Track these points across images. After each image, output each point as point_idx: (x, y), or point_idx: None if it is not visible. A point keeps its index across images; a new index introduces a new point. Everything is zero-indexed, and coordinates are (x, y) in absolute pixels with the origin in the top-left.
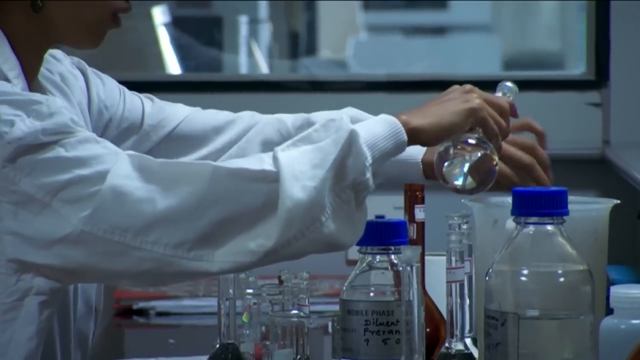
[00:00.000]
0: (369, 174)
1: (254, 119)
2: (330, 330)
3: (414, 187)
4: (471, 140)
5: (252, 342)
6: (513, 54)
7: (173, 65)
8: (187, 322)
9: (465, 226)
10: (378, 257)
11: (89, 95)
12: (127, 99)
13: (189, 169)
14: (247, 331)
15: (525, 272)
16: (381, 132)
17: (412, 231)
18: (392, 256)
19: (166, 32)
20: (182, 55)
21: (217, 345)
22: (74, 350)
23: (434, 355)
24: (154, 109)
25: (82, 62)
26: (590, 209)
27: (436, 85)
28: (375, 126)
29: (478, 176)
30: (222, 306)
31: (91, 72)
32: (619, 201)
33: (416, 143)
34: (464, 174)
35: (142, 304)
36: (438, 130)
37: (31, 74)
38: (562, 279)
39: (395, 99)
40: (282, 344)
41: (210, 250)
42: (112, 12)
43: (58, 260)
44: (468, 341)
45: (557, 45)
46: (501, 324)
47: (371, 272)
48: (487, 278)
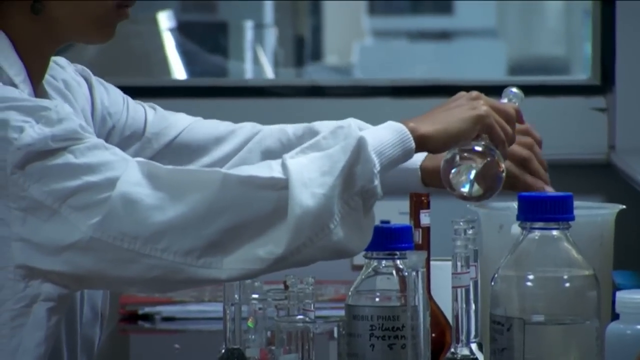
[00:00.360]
0: (377, 181)
1: (255, 129)
2: (335, 335)
3: (419, 192)
4: (477, 148)
5: (258, 347)
6: (518, 59)
7: (178, 71)
8: (193, 327)
9: (470, 231)
10: (384, 262)
11: (93, 102)
12: (131, 107)
13: (199, 176)
14: (253, 336)
15: (530, 277)
16: (389, 140)
17: (418, 236)
18: (398, 261)
19: (172, 38)
20: (188, 60)
21: (223, 351)
22: (80, 356)
23: None
24: (156, 118)
25: (86, 69)
26: (595, 214)
27: (441, 91)
28: (383, 133)
29: (484, 183)
30: (228, 311)
31: (95, 80)
32: (624, 206)
33: (424, 150)
34: (470, 181)
35: (147, 309)
36: (445, 138)
37: (36, 79)
38: (567, 284)
39: (399, 104)
40: (287, 349)
41: (220, 258)
42: (116, 3)
43: (67, 266)
44: (474, 346)
45: (562, 50)
46: (507, 329)
47: (377, 278)
48: (492, 283)
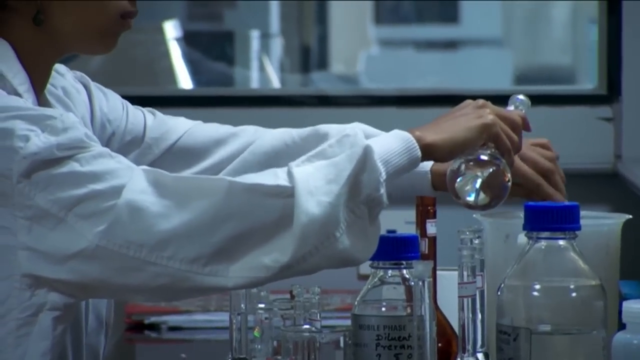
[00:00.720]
0: (382, 190)
1: (258, 133)
2: (342, 345)
3: (425, 201)
4: (483, 157)
5: (264, 356)
6: (524, 68)
7: (184, 80)
8: (199, 336)
9: (477, 241)
10: (390, 272)
11: (92, 109)
12: (130, 113)
13: (205, 184)
14: (259, 346)
15: (537, 287)
16: (395, 148)
17: (424, 246)
18: (404, 271)
19: (178, 47)
20: (194, 69)
21: None
22: None
23: None
24: (155, 123)
25: (85, 76)
26: (602, 223)
27: (447, 100)
28: (390, 142)
29: (490, 192)
30: (234, 321)
31: (94, 87)
32: (630, 216)
33: (430, 159)
34: (476, 190)
35: (153, 319)
36: (452, 146)
37: (39, 88)
38: (574, 294)
39: (405, 114)
40: (293, 358)
41: (226, 265)
42: (119, 14)
43: (72, 275)
44: (480, 356)
45: (568, 60)
46: (513, 339)
47: (383, 287)
48: (499, 293)
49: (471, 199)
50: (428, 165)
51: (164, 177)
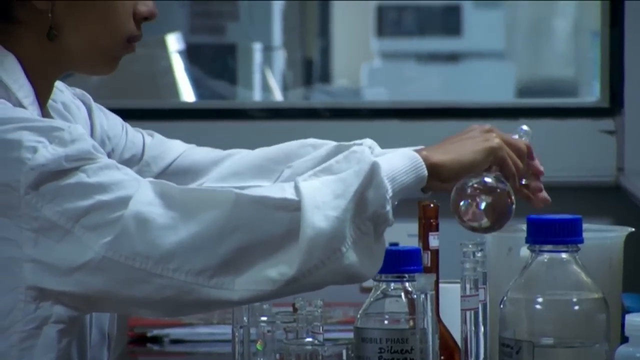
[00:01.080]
0: (389, 207)
1: (251, 152)
2: (344, 358)
3: (428, 214)
4: (488, 179)
5: None
6: (527, 81)
7: (187, 93)
8: (202, 349)
9: (479, 254)
10: (392, 285)
11: (92, 125)
12: (130, 133)
13: (211, 196)
14: (262, 359)
15: (539, 300)
16: (402, 166)
17: (427, 259)
18: (407, 284)
19: (180, 60)
20: (196, 82)
21: None
22: None
23: None
24: (154, 142)
25: (86, 94)
26: (604, 236)
27: (449, 113)
28: (396, 160)
29: (494, 215)
30: (237, 334)
31: (95, 105)
32: (633, 229)
33: (436, 178)
34: (480, 213)
35: (156, 332)
36: (458, 167)
37: (43, 101)
38: (576, 307)
39: (407, 127)
40: None
41: (232, 278)
42: (127, 37)
43: (78, 287)
44: None
45: (571, 73)
46: (516, 352)
47: (385, 300)
48: (501, 306)
49: (475, 222)
50: None
51: (170, 189)
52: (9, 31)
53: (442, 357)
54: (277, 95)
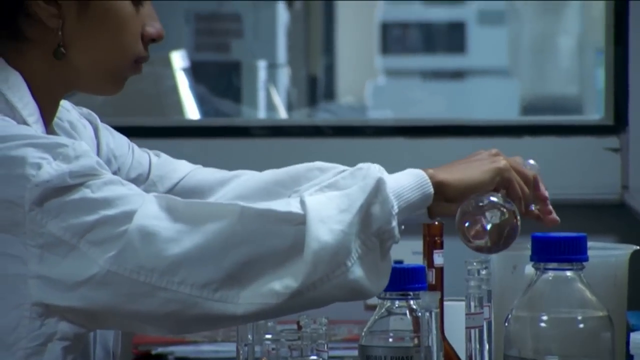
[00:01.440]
0: (394, 223)
1: (258, 173)
2: None
3: (432, 231)
4: (494, 199)
5: None
6: (531, 98)
7: (192, 110)
8: None
9: (484, 272)
10: (397, 303)
11: (99, 144)
12: (136, 153)
13: (216, 209)
14: None
15: (544, 318)
16: (408, 183)
17: (431, 276)
18: (411, 302)
19: (185, 77)
20: (201, 100)
21: None
22: None
23: None
24: (160, 162)
25: (93, 114)
26: (609, 254)
27: (454, 131)
28: (402, 177)
29: (499, 236)
30: (241, 351)
31: (101, 125)
32: (638, 247)
33: (442, 197)
34: (485, 233)
35: (160, 349)
36: (464, 186)
37: (47, 120)
38: (581, 325)
39: (412, 144)
40: None
41: (236, 292)
42: (134, 58)
43: (82, 302)
44: None
45: (575, 90)
46: None
47: (390, 318)
48: (506, 324)
49: (480, 242)
50: None
51: (175, 203)
52: (17, 48)
53: None
54: (282, 113)
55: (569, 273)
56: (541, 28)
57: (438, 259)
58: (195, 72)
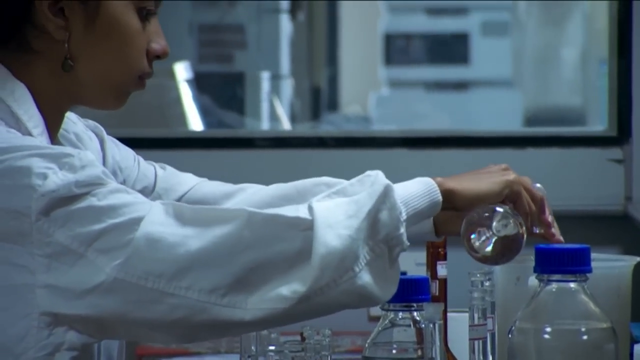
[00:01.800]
0: (402, 229)
1: (265, 187)
2: None
3: (436, 243)
4: (500, 209)
5: None
6: (534, 110)
7: (195, 122)
8: None
9: (487, 283)
10: (400, 314)
11: (104, 156)
12: (142, 165)
13: (224, 214)
14: None
15: (548, 329)
16: (416, 191)
17: (435, 288)
18: (415, 313)
19: (188, 89)
20: (204, 111)
21: None
22: None
23: None
24: (166, 174)
25: (99, 126)
26: (613, 266)
27: (457, 142)
28: (410, 185)
29: (504, 248)
30: None
31: (107, 137)
32: None
33: (450, 205)
34: (490, 244)
35: None
36: (473, 196)
37: (53, 132)
38: (585, 337)
39: (415, 155)
40: None
41: (244, 297)
42: (139, 74)
43: (90, 310)
44: None
45: (578, 101)
46: None
47: (393, 329)
48: (509, 335)
49: (486, 253)
50: None
51: (182, 209)
52: (24, 60)
53: None
54: (285, 124)
55: (572, 284)
56: (545, 39)
57: (442, 270)
58: (199, 83)
